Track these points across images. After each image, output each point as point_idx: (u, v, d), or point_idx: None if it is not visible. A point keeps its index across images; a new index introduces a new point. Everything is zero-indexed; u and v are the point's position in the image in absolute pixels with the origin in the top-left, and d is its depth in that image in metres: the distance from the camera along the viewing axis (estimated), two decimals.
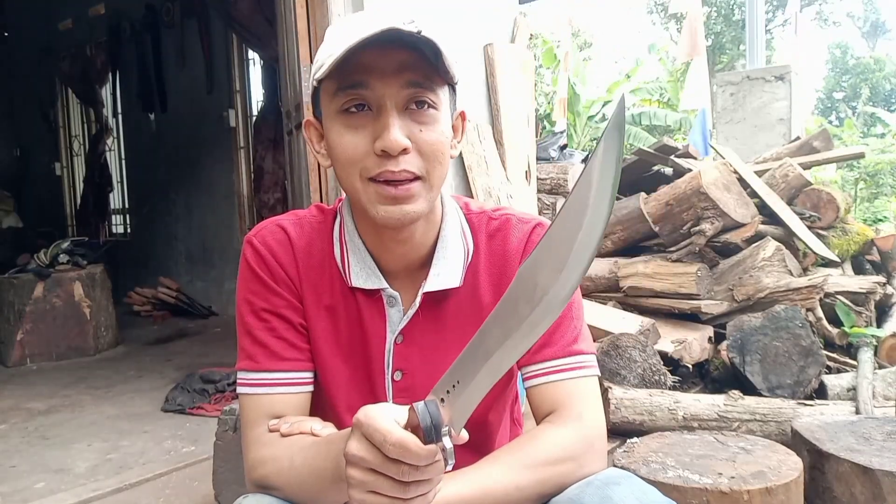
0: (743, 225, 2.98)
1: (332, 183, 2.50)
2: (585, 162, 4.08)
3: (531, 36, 3.46)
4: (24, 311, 4.27)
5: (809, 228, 3.26)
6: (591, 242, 0.63)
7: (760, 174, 3.53)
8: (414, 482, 0.69)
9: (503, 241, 1.00)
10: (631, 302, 2.97)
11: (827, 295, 2.88)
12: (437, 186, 0.91)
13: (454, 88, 0.94)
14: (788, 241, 3.09)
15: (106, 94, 7.13)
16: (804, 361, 2.37)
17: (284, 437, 0.91)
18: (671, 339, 2.67)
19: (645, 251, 3.29)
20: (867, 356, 2.45)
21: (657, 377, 2.37)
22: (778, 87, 5.33)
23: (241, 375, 0.97)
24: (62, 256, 4.56)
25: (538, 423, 0.95)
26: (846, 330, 2.83)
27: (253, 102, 5.82)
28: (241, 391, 0.97)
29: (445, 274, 0.97)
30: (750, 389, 2.34)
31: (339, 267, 0.98)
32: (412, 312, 0.96)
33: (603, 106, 12.82)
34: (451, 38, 0.89)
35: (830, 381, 2.39)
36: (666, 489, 1.38)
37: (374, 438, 0.68)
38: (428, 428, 0.66)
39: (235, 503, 0.88)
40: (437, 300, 0.97)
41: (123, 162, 7.18)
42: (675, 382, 2.48)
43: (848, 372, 2.49)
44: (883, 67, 19.13)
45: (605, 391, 2.20)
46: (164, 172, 6.33)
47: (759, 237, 2.98)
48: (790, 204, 3.42)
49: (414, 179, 0.88)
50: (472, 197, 2.37)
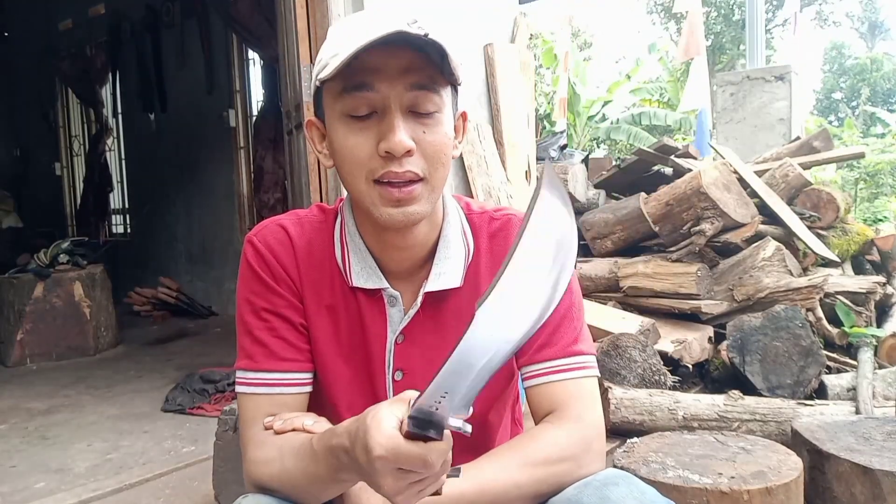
0: (743, 225, 2.98)
1: (332, 183, 2.50)
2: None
3: (531, 36, 3.46)
4: (24, 311, 4.27)
5: (809, 228, 3.26)
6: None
7: (760, 174, 3.53)
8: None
9: (504, 240, 1.00)
10: (631, 302, 2.97)
11: (827, 295, 2.88)
12: (439, 187, 0.91)
13: (457, 89, 0.94)
14: (788, 241, 3.09)
15: (106, 94, 7.13)
16: (804, 361, 2.37)
17: (278, 434, 0.91)
18: (671, 339, 2.67)
19: (645, 251, 3.29)
20: (867, 356, 2.45)
21: (657, 377, 2.37)
22: (778, 87, 5.33)
23: (239, 375, 0.97)
24: (62, 256, 4.56)
25: (537, 422, 0.95)
26: (846, 330, 2.83)
27: (253, 102, 5.82)
28: (239, 390, 0.97)
29: (447, 274, 0.97)
30: (750, 389, 2.34)
31: (339, 266, 0.98)
32: (413, 312, 0.97)
33: (603, 106, 12.84)
34: (451, 38, 0.89)
35: (830, 381, 2.39)
36: (666, 489, 1.38)
37: (410, 465, 0.69)
38: (431, 437, 0.67)
39: (235, 503, 0.89)
40: (438, 300, 0.97)
41: (123, 162, 7.18)
42: (675, 382, 2.48)
43: (848, 372, 2.49)
44: (880, 67, 19.12)
45: (605, 391, 2.20)
46: (164, 172, 6.33)
47: (759, 237, 2.97)
48: (790, 204, 3.42)
49: (416, 181, 0.88)
50: (472, 197, 2.37)
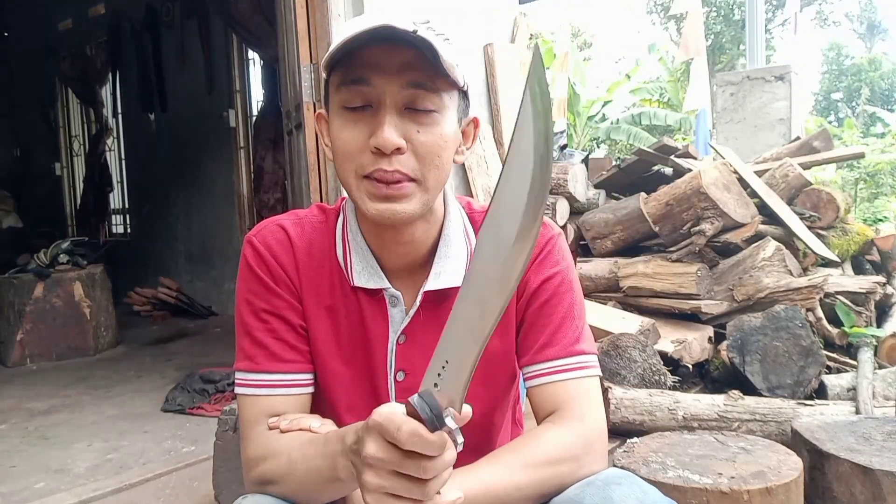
0: (743, 225, 2.97)
1: (332, 183, 2.50)
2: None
3: (531, 36, 3.46)
4: (24, 311, 4.27)
5: (809, 228, 3.25)
6: (538, 189, 0.64)
7: (760, 174, 3.53)
8: (431, 479, 0.68)
9: None
10: (631, 302, 2.97)
11: (827, 295, 2.88)
12: (433, 189, 0.91)
13: (466, 94, 0.94)
14: (788, 241, 3.09)
15: (106, 94, 7.13)
16: (804, 361, 2.37)
17: (284, 433, 0.91)
18: (671, 339, 2.67)
19: (645, 251, 3.29)
20: (867, 356, 2.44)
21: (657, 377, 2.37)
22: (778, 87, 5.32)
23: (239, 376, 0.97)
24: (62, 256, 4.56)
25: (539, 422, 0.95)
26: (846, 330, 2.83)
27: (253, 102, 5.82)
28: (239, 391, 0.97)
29: (447, 273, 0.97)
30: (750, 389, 2.34)
31: (341, 266, 0.98)
32: (413, 312, 0.96)
33: (603, 106, 12.85)
34: (453, 38, 0.88)
35: (830, 381, 2.39)
36: (666, 489, 1.38)
37: (388, 433, 0.67)
38: (430, 417, 0.66)
39: (235, 503, 0.88)
40: (439, 300, 0.97)
41: (123, 162, 7.18)
42: (675, 382, 2.48)
43: (848, 372, 2.49)
44: (878, 68, 19.12)
45: (605, 391, 2.20)
46: (164, 172, 6.33)
47: (759, 237, 2.97)
48: (790, 204, 3.42)
49: (408, 180, 0.87)
50: (472, 197, 2.37)
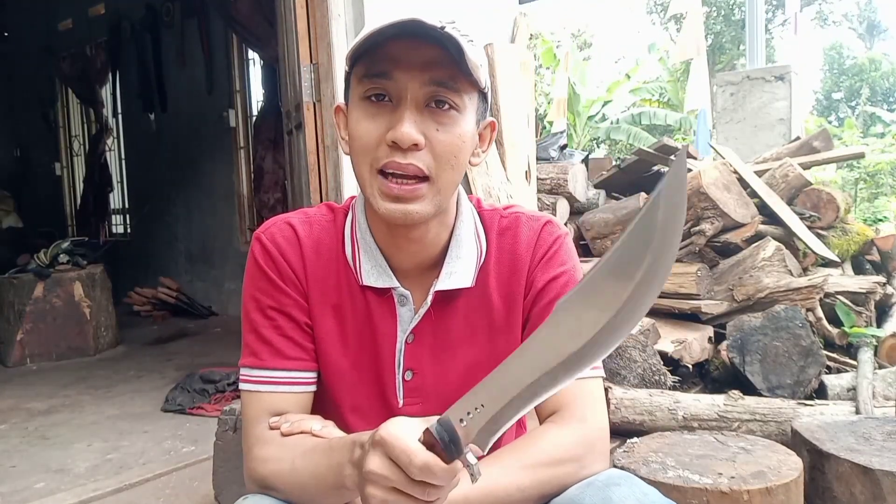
0: (743, 225, 2.98)
1: (332, 183, 2.49)
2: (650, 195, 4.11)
3: (531, 36, 3.46)
4: (24, 311, 4.26)
5: (809, 228, 3.25)
6: (652, 287, 0.58)
7: (760, 174, 3.53)
8: (435, 499, 0.69)
9: (513, 239, 0.99)
10: None
11: (827, 295, 2.88)
12: (446, 190, 0.90)
13: (485, 96, 0.93)
14: (788, 241, 3.09)
15: (106, 94, 7.12)
16: (804, 361, 2.37)
17: (285, 436, 0.91)
18: (671, 339, 2.67)
19: None
20: (867, 356, 2.45)
21: (657, 377, 2.37)
22: (778, 87, 5.33)
23: (244, 372, 0.97)
24: (62, 256, 4.56)
25: (541, 422, 0.95)
26: (846, 330, 2.83)
27: (253, 102, 5.82)
28: (243, 387, 0.97)
29: (458, 273, 0.96)
30: (750, 389, 2.34)
31: (350, 265, 0.98)
32: (423, 311, 0.96)
33: (603, 106, 12.84)
34: (476, 39, 0.88)
35: (830, 381, 2.39)
36: (666, 489, 1.38)
37: (399, 460, 0.67)
38: (448, 446, 0.66)
39: (236, 503, 0.88)
40: (448, 300, 0.97)
41: (123, 162, 7.18)
42: (675, 382, 2.48)
43: (848, 372, 2.49)
44: (879, 67, 19.12)
45: (605, 391, 2.20)
46: (164, 172, 6.33)
47: (759, 237, 2.97)
48: (790, 204, 3.42)
49: (421, 180, 0.87)
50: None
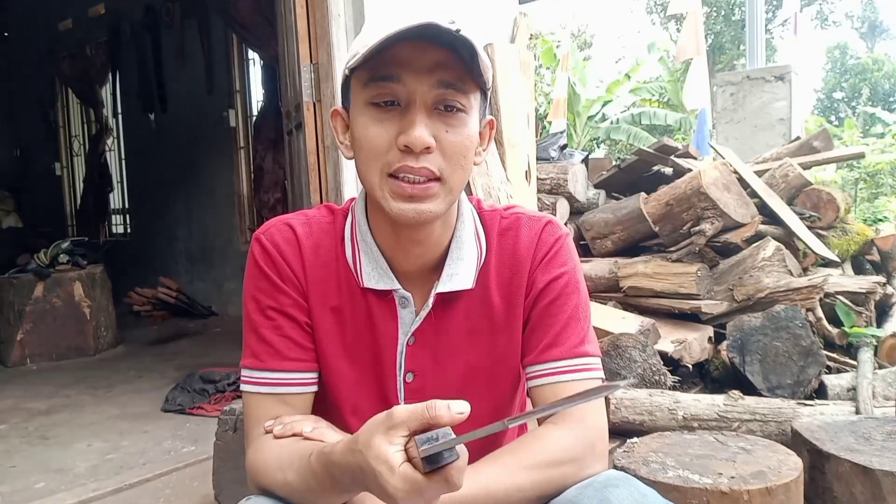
0: (743, 225, 2.97)
1: (332, 183, 2.49)
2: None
3: (531, 36, 3.46)
4: (24, 311, 4.27)
5: (809, 228, 3.25)
6: None
7: (760, 174, 3.53)
8: None
9: (513, 239, 0.99)
10: (631, 302, 2.96)
11: (827, 295, 2.88)
12: (456, 189, 0.91)
13: (486, 95, 0.94)
14: (788, 241, 3.09)
15: (106, 94, 7.13)
16: (804, 361, 2.37)
17: (277, 438, 0.91)
18: (671, 339, 2.67)
19: (645, 251, 3.29)
20: (867, 356, 2.44)
21: (657, 377, 2.37)
22: (778, 87, 5.33)
23: (244, 373, 0.97)
24: (62, 256, 4.56)
25: (540, 423, 0.95)
26: (846, 330, 2.83)
27: (253, 102, 5.83)
28: (244, 388, 0.97)
29: (459, 275, 0.96)
30: (750, 389, 2.34)
31: (350, 267, 0.97)
32: (424, 314, 0.96)
33: (603, 106, 12.84)
34: (482, 40, 0.88)
35: (830, 381, 2.39)
36: (666, 489, 1.38)
37: (439, 493, 0.68)
38: (449, 455, 0.67)
39: None
40: (449, 301, 0.97)
41: (123, 162, 7.18)
42: (675, 382, 2.48)
43: (848, 372, 2.49)
44: (881, 67, 19.13)
45: None
46: (164, 173, 6.33)
47: (759, 237, 2.97)
48: (790, 204, 3.42)
49: (433, 180, 0.87)
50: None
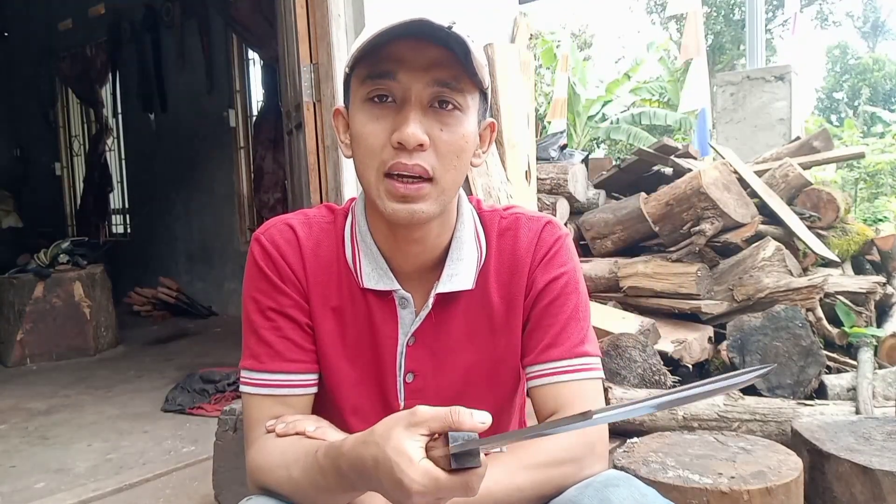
0: (743, 225, 2.97)
1: (332, 183, 2.49)
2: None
3: (531, 36, 3.46)
4: (24, 311, 4.27)
5: (809, 228, 3.25)
6: None
7: (760, 174, 3.53)
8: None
9: (513, 240, 0.99)
10: (631, 302, 2.96)
11: (827, 295, 2.87)
12: (449, 190, 0.90)
13: (486, 97, 0.94)
14: (788, 241, 3.09)
15: (106, 94, 7.13)
16: (804, 361, 2.37)
17: (280, 437, 0.91)
18: (671, 339, 2.67)
19: (645, 251, 3.29)
20: (867, 356, 2.44)
21: (657, 377, 2.37)
22: (778, 87, 5.32)
23: (244, 374, 0.97)
24: (62, 256, 4.56)
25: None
26: (846, 330, 2.83)
27: (253, 102, 5.82)
28: (244, 390, 0.97)
29: (459, 275, 0.96)
30: (750, 389, 2.34)
31: (350, 268, 0.97)
32: (424, 314, 0.96)
33: (603, 106, 12.83)
34: (479, 40, 0.88)
35: (830, 381, 2.39)
36: (666, 489, 1.38)
37: (454, 495, 0.69)
38: (475, 461, 0.68)
39: None
40: (448, 302, 0.97)
41: (123, 162, 7.18)
42: (675, 382, 2.48)
43: (848, 372, 2.49)
44: (882, 67, 19.12)
45: (605, 391, 2.20)
46: (164, 172, 6.33)
47: (759, 237, 2.97)
48: (790, 204, 3.42)
49: (424, 181, 0.87)
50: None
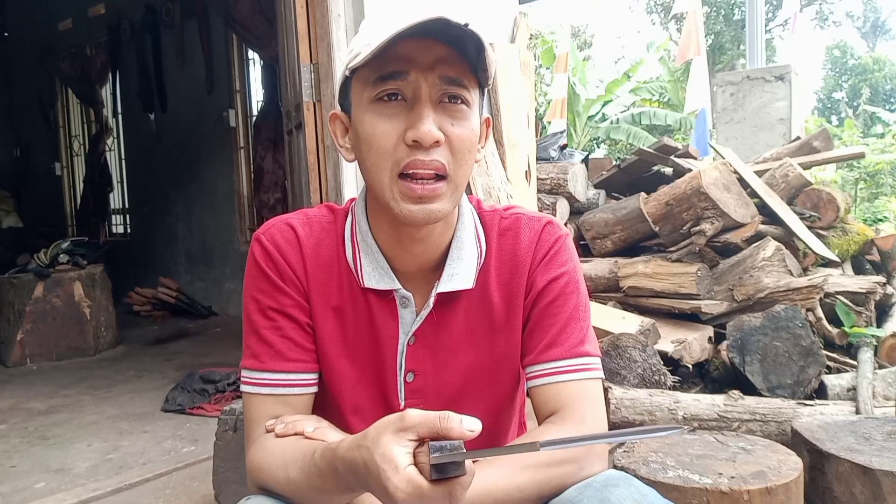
0: (743, 225, 2.98)
1: (332, 183, 2.49)
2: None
3: (531, 36, 3.46)
4: (24, 311, 4.26)
5: (809, 228, 3.26)
6: None
7: (760, 174, 3.53)
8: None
9: (513, 240, 0.99)
10: (631, 302, 2.97)
11: (827, 295, 2.88)
12: (461, 186, 0.91)
13: (484, 92, 0.94)
14: (788, 241, 3.09)
15: (106, 94, 7.12)
16: (804, 361, 2.37)
17: (279, 437, 0.91)
18: (671, 339, 2.67)
19: (645, 251, 3.29)
20: (867, 356, 2.45)
21: (657, 377, 2.37)
22: (778, 87, 5.33)
23: (245, 374, 0.97)
24: (62, 256, 4.56)
25: (540, 423, 0.95)
26: (846, 330, 2.83)
27: (253, 102, 5.82)
28: (244, 389, 0.97)
29: (460, 275, 0.96)
30: (750, 389, 2.34)
31: (350, 267, 0.97)
32: (425, 314, 0.96)
33: (603, 106, 12.84)
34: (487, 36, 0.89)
35: (830, 381, 2.39)
36: (666, 489, 1.38)
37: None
38: (458, 470, 0.69)
39: None
40: (449, 301, 0.97)
41: (123, 162, 7.18)
42: (675, 382, 2.48)
43: (848, 372, 2.49)
44: (882, 67, 19.12)
45: (605, 391, 2.20)
46: (164, 172, 6.33)
47: (759, 237, 2.98)
48: (790, 204, 3.42)
49: (440, 179, 0.87)
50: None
